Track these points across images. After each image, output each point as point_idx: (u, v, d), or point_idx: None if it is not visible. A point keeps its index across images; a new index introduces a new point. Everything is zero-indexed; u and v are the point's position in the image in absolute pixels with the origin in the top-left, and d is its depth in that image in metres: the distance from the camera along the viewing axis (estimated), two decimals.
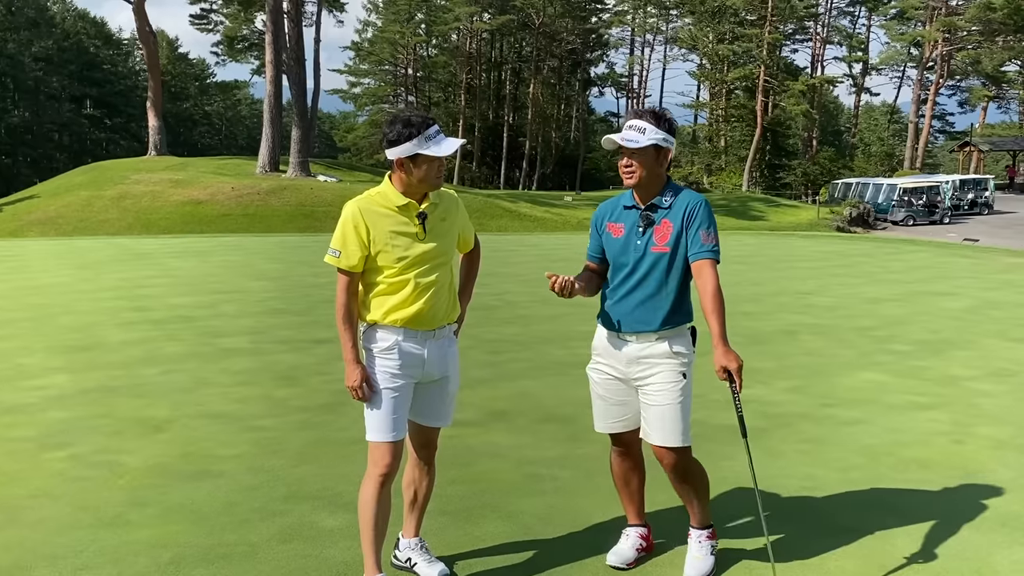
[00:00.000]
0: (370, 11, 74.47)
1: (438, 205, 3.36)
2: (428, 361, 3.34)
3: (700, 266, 3.34)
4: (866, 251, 22.45)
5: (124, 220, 30.00)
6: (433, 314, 3.32)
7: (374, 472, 3.29)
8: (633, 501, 3.75)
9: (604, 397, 3.57)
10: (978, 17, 52.45)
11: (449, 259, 3.42)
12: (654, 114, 3.41)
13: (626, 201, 3.51)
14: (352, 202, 3.30)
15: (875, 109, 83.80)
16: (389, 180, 3.32)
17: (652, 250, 3.39)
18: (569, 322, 10.06)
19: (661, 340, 3.41)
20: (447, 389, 3.47)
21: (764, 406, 6.23)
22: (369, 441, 3.31)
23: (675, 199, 3.42)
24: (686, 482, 3.51)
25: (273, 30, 37.63)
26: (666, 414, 3.38)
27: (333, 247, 3.27)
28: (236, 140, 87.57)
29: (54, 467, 4.83)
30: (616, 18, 71.35)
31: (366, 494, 3.30)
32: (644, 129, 3.34)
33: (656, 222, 3.41)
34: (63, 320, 9.87)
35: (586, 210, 36.87)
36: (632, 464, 3.69)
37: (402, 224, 3.27)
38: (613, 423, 3.59)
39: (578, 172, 67.18)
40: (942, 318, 10.64)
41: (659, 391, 3.39)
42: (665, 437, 3.38)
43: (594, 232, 3.62)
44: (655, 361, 3.41)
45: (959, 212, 37.82)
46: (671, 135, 3.40)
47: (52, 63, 70.02)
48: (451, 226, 3.41)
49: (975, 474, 4.86)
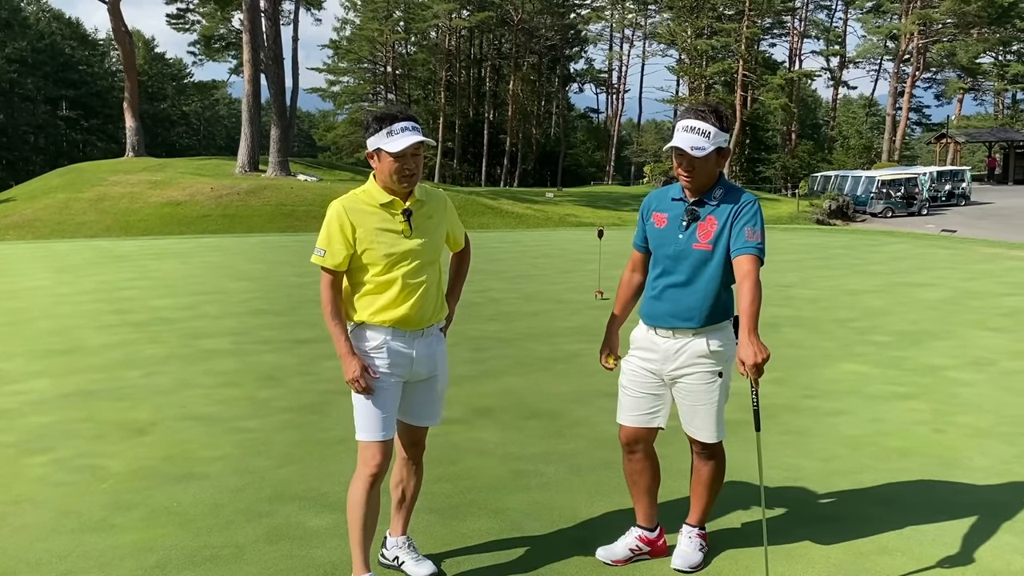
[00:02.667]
0: (348, 9, 74.15)
1: (424, 203, 3.34)
2: (416, 360, 3.34)
3: (742, 260, 3.24)
4: (846, 243, 22.62)
5: (102, 222, 29.72)
6: (421, 314, 3.31)
7: (364, 472, 3.26)
8: (641, 501, 3.68)
9: (633, 389, 3.52)
10: (953, 10, 52.94)
11: (436, 258, 3.41)
12: (717, 113, 3.28)
13: (674, 193, 3.44)
14: (337, 201, 3.29)
15: (853, 102, 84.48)
16: (373, 178, 3.32)
17: (694, 247, 3.33)
18: (551, 318, 10.09)
19: (699, 336, 3.38)
20: (436, 388, 3.47)
21: (747, 398, 6.23)
22: (359, 441, 3.29)
23: (725, 196, 3.34)
24: (712, 473, 3.59)
25: (251, 29, 37.35)
26: (703, 413, 3.44)
27: (319, 246, 3.26)
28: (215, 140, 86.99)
29: (35, 472, 4.79)
30: (594, 14, 71.45)
31: (355, 494, 3.28)
32: (709, 133, 3.23)
33: (701, 218, 3.33)
34: (42, 324, 9.77)
35: (567, 206, 36.92)
36: (641, 465, 3.61)
37: (387, 221, 3.26)
38: (636, 416, 3.52)
39: (559, 168, 67.27)
40: (921, 309, 10.75)
41: (695, 391, 3.41)
42: (704, 433, 3.48)
43: (640, 222, 3.56)
44: (693, 360, 3.39)
45: (937, 203, 38.13)
46: (730, 131, 3.34)
47: (26, 64, 69.19)
48: (438, 224, 3.40)
49: (955, 462, 4.93)
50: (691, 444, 3.58)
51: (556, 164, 68.04)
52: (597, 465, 4.83)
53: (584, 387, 6.65)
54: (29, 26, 71.50)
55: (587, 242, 22.11)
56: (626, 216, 33.63)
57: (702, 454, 3.57)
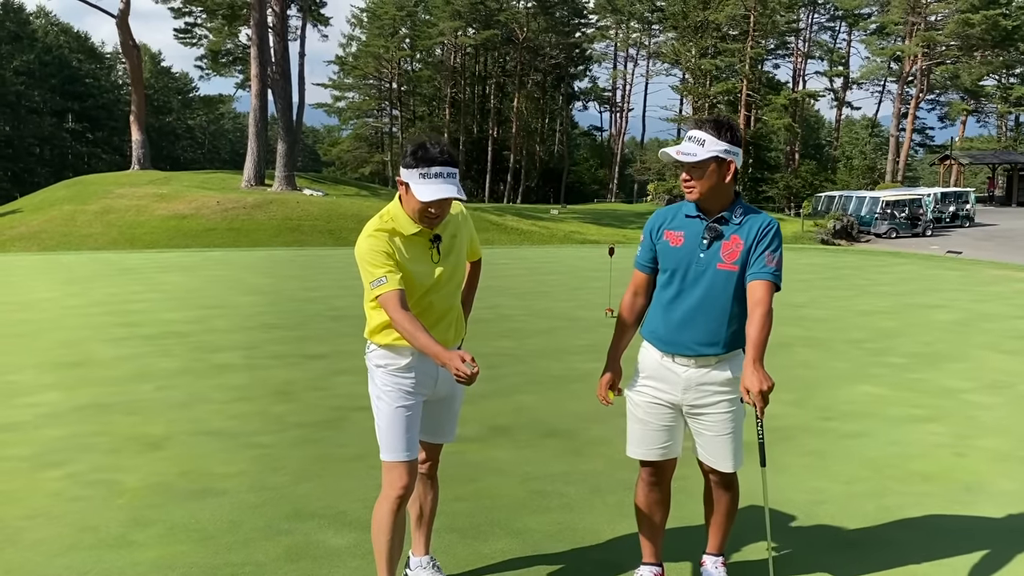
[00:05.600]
0: (355, 25, 74.69)
1: (448, 223, 3.29)
2: (440, 380, 3.30)
3: (757, 285, 3.12)
4: (853, 264, 22.59)
5: (108, 235, 29.76)
6: (447, 337, 3.29)
7: (391, 494, 3.17)
8: (654, 538, 3.55)
9: (646, 422, 3.36)
10: (956, 32, 53.24)
11: (462, 279, 3.40)
12: (715, 123, 3.15)
13: (688, 210, 3.26)
14: (371, 230, 3.15)
15: (856, 123, 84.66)
16: (398, 201, 3.21)
17: (718, 267, 3.17)
18: (563, 336, 10.05)
19: (721, 364, 3.25)
20: (453, 406, 3.45)
21: (764, 419, 6.20)
22: (384, 461, 3.20)
23: (747, 217, 3.19)
24: (730, 501, 3.49)
25: (259, 44, 37.58)
26: (725, 443, 3.31)
27: (376, 278, 3.06)
28: (219, 154, 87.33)
29: (51, 486, 4.74)
30: (599, 33, 71.87)
31: (382, 517, 3.20)
32: (703, 141, 3.12)
33: (725, 236, 3.17)
34: (52, 336, 9.74)
35: (572, 223, 36.98)
36: (659, 497, 3.48)
37: (418, 249, 3.19)
38: (652, 450, 3.37)
39: (562, 185, 67.41)
40: (934, 330, 10.70)
41: (717, 422, 3.28)
42: (724, 463, 3.34)
43: (647, 240, 3.35)
44: (714, 389, 3.26)
45: (941, 224, 38.20)
46: (736, 144, 3.14)
47: (34, 77, 69.60)
48: (462, 243, 3.37)
49: (979, 487, 4.87)
50: (706, 473, 3.45)
51: (559, 181, 68.18)
52: (618, 486, 4.77)
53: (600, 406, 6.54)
54: (37, 39, 71.97)
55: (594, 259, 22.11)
56: (631, 234, 33.67)
57: (720, 483, 3.45)
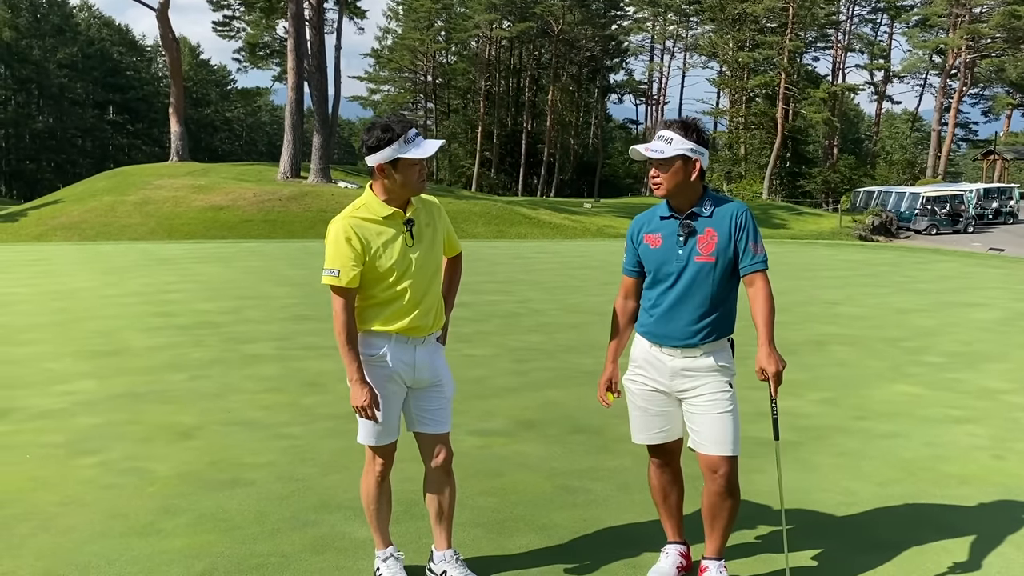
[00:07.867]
0: (390, 18, 75.01)
1: (421, 211, 3.37)
2: (418, 367, 3.38)
3: (754, 278, 3.33)
4: (891, 260, 22.22)
5: (147, 225, 30.24)
6: (426, 322, 3.36)
7: (372, 470, 3.49)
8: (673, 517, 3.66)
9: (645, 408, 3.49)
10: (1002, 24, 52.06)
11: (440, 265, 3.48)
12: (683, 124, 3.32)
13: (662, 212, 3.42)
14: (339, 218, 3.26)
15: (896, 117, 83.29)
16: (371, 190, 3.30)
17: (696, 260, 3.30)
18: (592, 331, 10.00)
19: (706, 355, 3.34)
20: (444, 394, 3.49)
21: (796, 418, 6.12)
22: (362, 443, 3.45)
23: (716, 208, 3.33)
24: (731, 497, 3.37)
25: (295, 37, 37.83)
26: (719, 423, 3.32)
27: (329, 267, 3.21)
28: (256, 146, 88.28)
29: (84, 474, 4.82)
30: (636, 25, 71.37)
31: (368, 488, 3.52)
32: (671, 139, 3.27)
33: (699, 231, 3.31)
34: (89, 325, 9.91)
35: (605, 217, 36.80)
36: (672, 477, 3.61)
37: (390, 234, 3.27)
38: (654, 434, 3.51)
39: (596, 179, 67.09)
40: (973, 329, 10.48)
41: (709, 401, 3.33)
42: (721, 447, 3.31)
43: (630, 246, 3.52)
44: (700, 374, 3.35)
45: (983, 221, 37.44)
46: (701, 145, 3.30)
47: (76, 69, 70.88)
48: (436, 231, 3.42)
49: (1018, 491, 4.75)
50: (704, 470, 3.38)
51: (593, 175, 67.88)
52: (645, 484, 4.60)
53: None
54: (80, 32, 73.26)
55: None
56: None
57: (717, 478, 3.34)
